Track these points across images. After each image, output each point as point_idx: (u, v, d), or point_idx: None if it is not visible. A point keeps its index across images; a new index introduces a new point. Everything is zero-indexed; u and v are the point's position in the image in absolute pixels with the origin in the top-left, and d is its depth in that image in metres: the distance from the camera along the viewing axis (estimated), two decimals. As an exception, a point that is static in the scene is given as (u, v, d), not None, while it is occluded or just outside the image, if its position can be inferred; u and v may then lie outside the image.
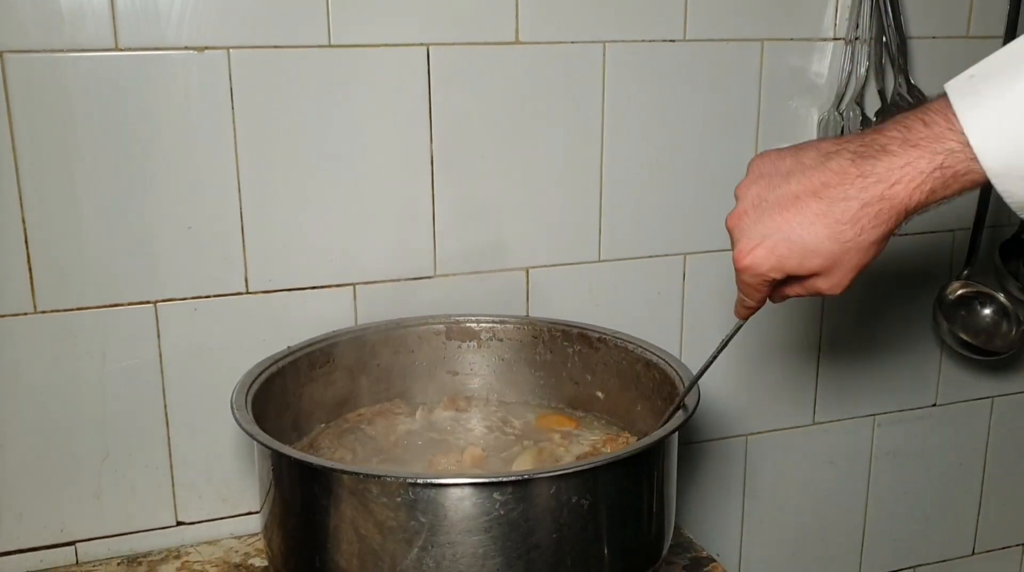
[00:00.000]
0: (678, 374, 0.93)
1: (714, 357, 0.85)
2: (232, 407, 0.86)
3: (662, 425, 0.85)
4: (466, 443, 0.98)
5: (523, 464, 0.92)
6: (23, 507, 1.07)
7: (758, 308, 0.80)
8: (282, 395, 0.95)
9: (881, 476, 1.49)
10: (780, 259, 0.71)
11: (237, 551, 1.11)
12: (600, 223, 1.23)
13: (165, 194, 1.04)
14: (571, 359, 1.06)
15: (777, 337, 1.37)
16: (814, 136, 1.29)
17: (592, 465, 0.80)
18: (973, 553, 1.60)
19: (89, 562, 1.10)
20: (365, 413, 1.01)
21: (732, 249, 0.75)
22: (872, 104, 1.27)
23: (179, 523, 1.13)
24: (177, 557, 1.11)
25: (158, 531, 1.13)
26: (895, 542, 1.53)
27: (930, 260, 1.39)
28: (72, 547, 1.10)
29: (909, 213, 0.67)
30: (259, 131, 1.06)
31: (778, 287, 0.76)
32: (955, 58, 1.30)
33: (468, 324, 1.09)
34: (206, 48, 1.03)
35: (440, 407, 1.05)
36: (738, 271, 0.75)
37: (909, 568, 1.55)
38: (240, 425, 0.84)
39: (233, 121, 1.05)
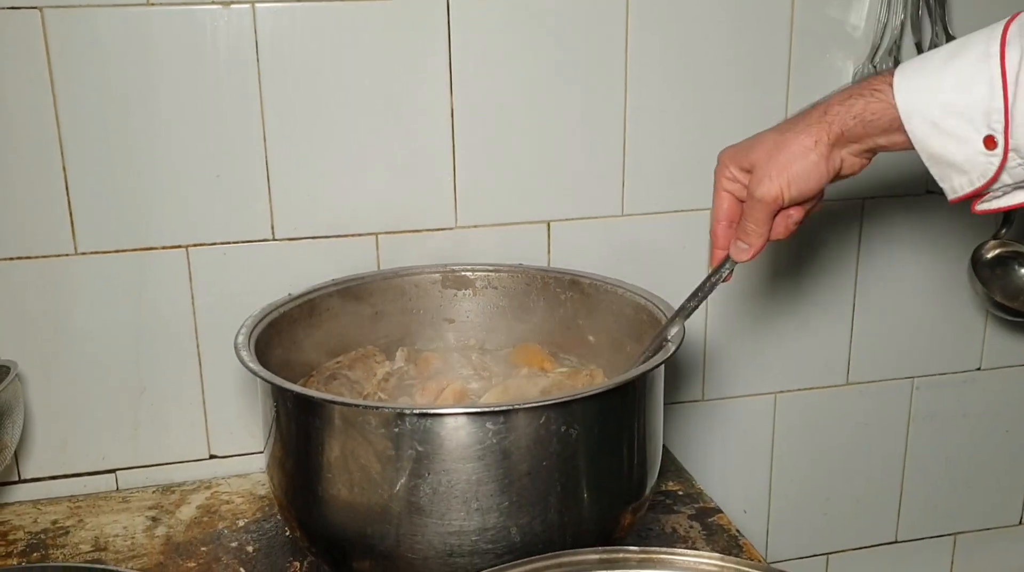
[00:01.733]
0: (665, 315, 0.94)
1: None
2: (236, 347, 0.91)
3: (643, 356, 0.87)
4: (447, 381, 1.02)
5: (490, 398, 0.95)
6: (68, 436, 1.15)
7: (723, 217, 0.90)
8: (285, 340, 0.99)
9: (920, 441, 1.46)
10: (734, 149, 0.86)
11: (264, 484, 1.17)
12: (623, 176, 1.24)
13: (194, 143, 1.10)
14: (564, 305, 1.08)
15: (808, 291, 1.35)
16: (849, 90, 1.26)
17: (580, 396, 0.83)
18: (1020, 523, 1.55)
19: (128, 489, 1.17)
20: (344, 361, 1.06)
21: None
22: (909, 56, 1.23)
23: (212, 456, 1.20)
24: (208, 488, 1.17)
25: (192, 463, 1.20)
26: (934, 509, 1.50)
27: (968, 219, 1.35)
28: (112, 475, 1.18)
29: (842, 133, 0.78)
30: (283, 83, 1.10)
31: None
32: (995, 8, 1.24)
33: (464, 273, 1.12)
34: (232, 3, 1.07)
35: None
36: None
37: (949, 535, 1.52)
38: (244, 363, 0.88)
39: (258, 73, 1.10)
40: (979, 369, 1.45)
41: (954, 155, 0.72)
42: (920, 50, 1.22)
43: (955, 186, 0.74)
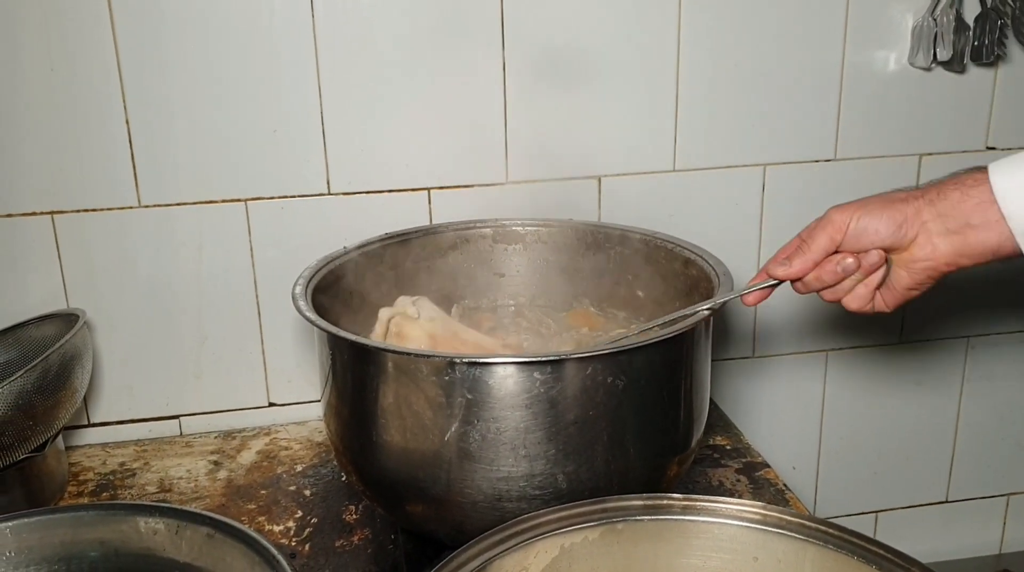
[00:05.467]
0: (714, 270, 0.95)
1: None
2: (293, 297, 0.93)
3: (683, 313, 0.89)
4: (502, 337, 1.03)
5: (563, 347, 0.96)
6: (133, 382, 1.20)
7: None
8: (340, 291, 1.02)
9: (974, 400, 1.45)
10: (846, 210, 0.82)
11: (320, 431, 1.21)
12: (676, 131, 1.23)
13: (252, 100, 1.12)
14: (613, 260, 1.08)
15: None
16: (908, 42, 1.24)
17: (625, 348, 0.84)
18: (1076, 486, 1.54)
19: (191, 434, 1.22)
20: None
21: None
22: (972, 8, 1.20)
23: (271, 404, 1.24)
24: (267, 434, 1.22)
25: (252, 410, 1.24)
26: (987, 469, 1.49)
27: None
28: (176, 420, 1.22)
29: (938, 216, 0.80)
30: (338, 39, 1.12)
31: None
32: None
33: (514, 227, 1.13)
34: (288, -41, 1.09)
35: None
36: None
37: (1002, 496, 1.51)
38: (301, 313, 0.91)
39: (313, 31, 1.11)
40: (1037, 329, 1.43)
41: None
42: (983, 3, 1.19)
43: None
